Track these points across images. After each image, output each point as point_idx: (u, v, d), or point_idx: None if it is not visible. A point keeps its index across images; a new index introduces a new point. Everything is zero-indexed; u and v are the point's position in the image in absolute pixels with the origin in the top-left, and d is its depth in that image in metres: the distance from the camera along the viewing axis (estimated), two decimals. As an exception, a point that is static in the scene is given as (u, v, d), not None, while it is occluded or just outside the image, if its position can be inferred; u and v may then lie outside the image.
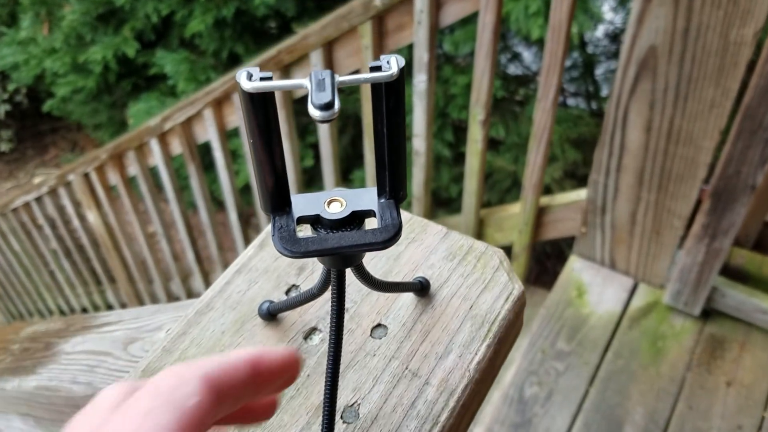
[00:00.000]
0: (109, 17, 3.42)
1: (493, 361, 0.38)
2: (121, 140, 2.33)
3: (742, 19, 1.16)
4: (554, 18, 1.33)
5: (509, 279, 0.40)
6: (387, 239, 0.30)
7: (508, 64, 3.34)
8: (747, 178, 1.30)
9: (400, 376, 0.36)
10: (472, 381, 0.36)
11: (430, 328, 0.38)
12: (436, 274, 0.41)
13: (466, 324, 0.38)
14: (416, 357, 0.37)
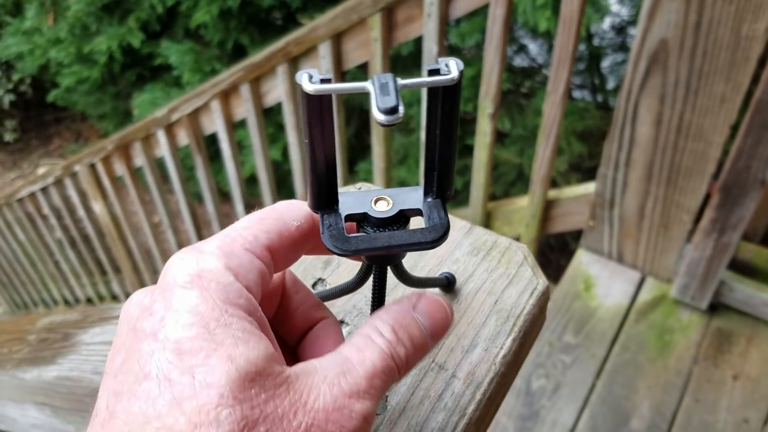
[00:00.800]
0: (114, 7, 3.41)
1: (518, 355, 0.38)
2: (128, 131, 2.34)
3: (754, 14, 1.16)
4: (565, 10, 1.32)
5: (533, 274, 0.40)
6: (435, 239, 0.30)
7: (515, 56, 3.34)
8: (757, 173, 1.30)
9: (427, 369, 0.37)
10: (498, 374, 0.37)
11: (456, 322, 0.38)
12: (461, 269, 0.41)
13: (492, 318, 0.38)
14: (443, 350, 0.37)
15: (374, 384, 0.28)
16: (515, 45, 3.31)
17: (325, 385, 0.27)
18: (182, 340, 0.24)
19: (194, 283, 0.26)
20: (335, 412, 0.27)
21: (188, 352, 0.24)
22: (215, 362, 0.24)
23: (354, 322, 0.39)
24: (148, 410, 0.23)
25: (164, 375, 0.24)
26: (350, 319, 0.39)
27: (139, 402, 0.23)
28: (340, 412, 0.27)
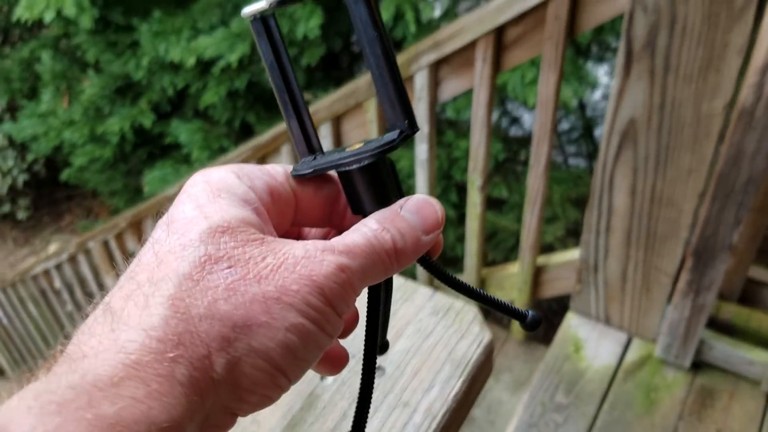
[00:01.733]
0: (126, 90, 3.58)
1: (468, 394, 0.48)
2: (140, 208, 2.46)
3: (711, 94, 1.28)
4: (542, 95, 1.45)
5: (480, 329, 0.50)
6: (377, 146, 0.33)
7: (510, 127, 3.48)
8: (724, 238, 1.40)
9: (395, 405, 0.46)
10: (451, 409, 0.46)
11: (418, 369, 0.48)
12: (423, 327, 0.51)
13: (447, 365, 0.48)
14: (407, 391, 0.47)
15: (353, 252, 0.31)
16: (509, 117, 3.46)
17: (301, 245, 0.30)
18: (174, 214, 0.31)
19: (201, 181, 0.33)
20: (305, 260, 0.30)
21: (175, 221, 0.31)
22: (194, 222, 0.30)
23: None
24: (141, 258, 0.30)
25: (154, 239, 0.31)
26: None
27: (141, 255, 0.31)
28: (310, 259, 0.30)
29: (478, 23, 1.38)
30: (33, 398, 0.24)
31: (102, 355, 0.26)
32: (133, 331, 0.26)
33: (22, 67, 4.17)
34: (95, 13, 2.89)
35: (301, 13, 2.53)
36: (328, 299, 0.29)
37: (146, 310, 0.27)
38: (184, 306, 0.27)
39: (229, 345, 0.27)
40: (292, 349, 0.28)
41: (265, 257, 0.29)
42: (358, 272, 0.31)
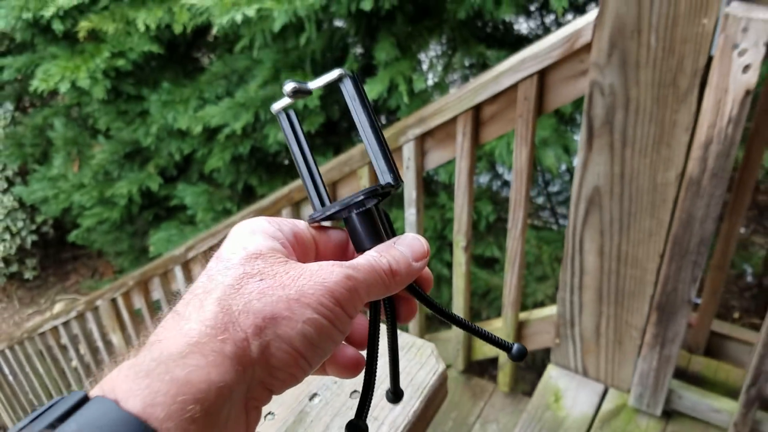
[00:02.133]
0: (135, 155, 3.76)
1: (425, 411, 0.62)
2: (148, 268, 2.60)
3: (665, 165, 1.44)
4: (516, 165, 1.61)
5: (436, 361, 0.64)
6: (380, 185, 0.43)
7: (500, 189, 3.64)
8: (683, 294, 1.54)
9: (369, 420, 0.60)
10: (410, 423, 0.60)
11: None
12: (392, 359, 0.65)
13: (408, 388, 0.62)
14: (376, 409, 0.61)
15: (357, 268, 0.40)
16: (499, 180, 3.63)
17: (316, 263, 0.40)
18: (221, 249, 0.41)
19: (240, 225, 0.43)
20: (319, 271, 0.39)
21: (221, 254, 0.40)
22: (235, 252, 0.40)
23: (324, 394, 0.63)
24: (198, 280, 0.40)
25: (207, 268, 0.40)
26: (322, 392, 0.63)
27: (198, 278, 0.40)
28: (323, 270, 0.39)
29: (458, 102, 1.55)
30: (127, 369, 0.33)
31: (172, 339, 0.35)
32: (194, 323, 0.36)
33: (35, 132, 4.36)
34: (107, 84, 3.08)
35: (302, 86, 2.71)
36: (337, 300, 0.38)
37: (201, 309, 0.37)
38: (227, 305, 0.37)
39: (261, 332, 0.36)
40: (308, 338, 0.37)
41: (288, 272, 0.39)
42: (362, 283, 0.40)
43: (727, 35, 1.18)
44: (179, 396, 0.32)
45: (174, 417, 0.32)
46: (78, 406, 0.32)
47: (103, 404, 0.32)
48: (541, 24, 3.38)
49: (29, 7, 2.92)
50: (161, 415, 0.31)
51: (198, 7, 2.37)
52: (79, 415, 0.32)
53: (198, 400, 0.32)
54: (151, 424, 0.31)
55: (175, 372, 0.33)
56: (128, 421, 0.31)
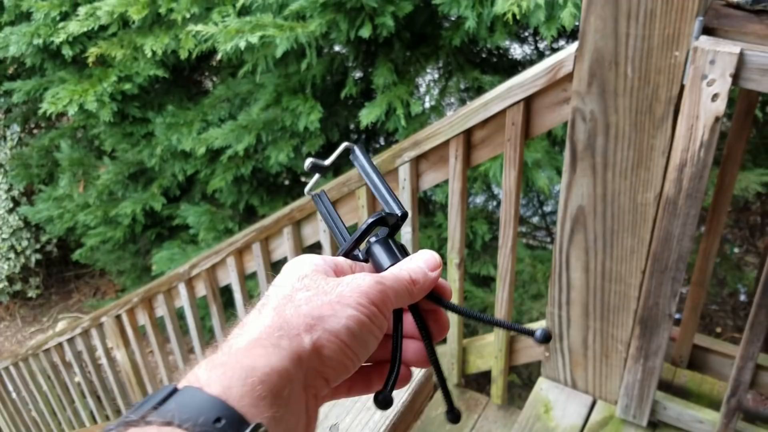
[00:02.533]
0: (139, 176, 3.85)
1: (413, 403, 0.70)
2: (152, 285, 2.68)
3: (644, 186, 1.53)
4: (505, 187, 1.71)
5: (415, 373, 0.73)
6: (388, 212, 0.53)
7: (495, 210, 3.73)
8: (664, 308, 1.63)
9: (361, 409, 0.68)
10: (399, 412, 0.68)
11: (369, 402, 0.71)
12: (383, 358, 0.74)
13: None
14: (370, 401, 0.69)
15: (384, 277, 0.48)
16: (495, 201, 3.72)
17: (351, 275, 0.48)
18: (276, 279, 0.49)
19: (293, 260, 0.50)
20: (354, 279, 0.46)
21: (275, 283, 0.48)
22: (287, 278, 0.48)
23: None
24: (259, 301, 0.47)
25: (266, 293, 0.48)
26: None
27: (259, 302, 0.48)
28: (357, 278, 0.47)
29: (450, 127, 1.65)
30: (205, 364, 0.41)
31: (240, 338, 0.44)
32: (255, 327, 0.44)
33: (41, 154, 4.45)
34: (114, 107, 3.18)
35: (303, 109, 2.82)
36: (371, 300, 0.45)
37: (260, 316, 0.45)
38: (282, 311, 0.45)
39: (311, 329, 0.44)
40: (351, 330, 0.44)
41: (328, 282, 0.47)
42: (390, 288, 0.47)
43: (696, 66, 1.28)
44: (248, 379, 0.39)
45: (246, 395, 0.39)
46: (171, 395, 0.39)
47: (191, 391, 0.39)
48: (534, 49, 3.49)
49: (40, 34, 3.03)
50: (236, 395, 0.39)
51: (203, 34, 2.47)
52: (173, 400, 0.39)
53: (263, 382, 0.40)
54: (230, 402, 0.38)
55: (243, 361, 0.41)
56: (213, 401, 0.38)
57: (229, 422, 0.38)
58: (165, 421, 0.37)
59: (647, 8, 1.29)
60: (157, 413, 0.38)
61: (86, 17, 2.81)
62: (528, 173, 2.67)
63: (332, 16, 2.43)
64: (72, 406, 3.87)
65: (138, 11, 2.66)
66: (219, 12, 2.63)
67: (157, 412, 0.38)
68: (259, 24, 2.45)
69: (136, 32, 2.93)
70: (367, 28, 2.42)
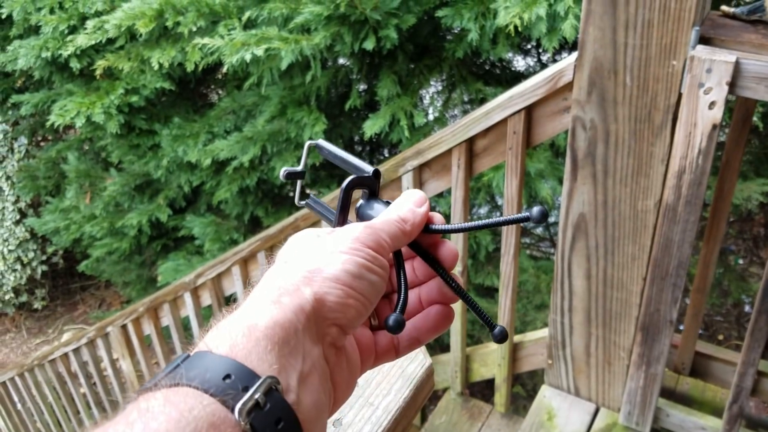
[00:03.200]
0: (145, 187, 3.88)
1: (414, 399, 0.72)
2: (158, 294, 2.70)
3: (644, 194, 1.55)
4: (507, 194, 1.73)
5: (424, 357, 0.75)
6: None
7: (499, 220, 3.73)
8: (665, 315, 1.64)
9: (363, 405, 0.70)
10: (401, 408, 0.70)
11: (380, 381, 0.72)
12: (385, 356, 0.75)
13: (399, 380, 0.73)
14: (372, 396, 0.71)
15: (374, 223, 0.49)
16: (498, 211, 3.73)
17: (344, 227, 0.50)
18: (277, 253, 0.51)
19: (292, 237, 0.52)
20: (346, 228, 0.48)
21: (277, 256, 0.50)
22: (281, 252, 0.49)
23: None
24: None
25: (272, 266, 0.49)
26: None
27: None
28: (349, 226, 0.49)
29: (452, 136, 1.67)
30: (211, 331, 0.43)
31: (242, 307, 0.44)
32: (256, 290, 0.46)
33: (48, 166, 4.50)
34: (121, 119, 3.22)
35: (307, 120, 2.85)
36: (365, 243, 0.47)
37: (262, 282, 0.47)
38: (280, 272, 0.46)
39: (309, 280, 0.45)
40: (351, 273, 0.45)
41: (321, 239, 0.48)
42: (381, 230, 0.49)
43: (693, 75, 1.30)
44: (252, 336, 0.41)
45: (252, 351, 0.40)
46: (183, 361, 0.41)
47: (201, 354, 0.41)
48: (537, 61, 3.53)
49: (48, 47, 3.07)
50: (242, 352, 0.40)
51: (209, 46, 2.50)
52: (188, 362, 0.41)
53: (266, 336, 0.41)
54: (238, 359, 0.40)
55: (244, 322, 0.42)
56: (221, 359, 0.40)
57: (238, 377, 0.39)
58: (173, 383, 0.39)
59: (645, 18, 1.32)
60: (167, 378, 0.39)
61: (94, 30, 2.84)
62: (531, 183, 2.69)
63: (336, 28, 2.46)
64: (77, 416, 3.89)
65: (145, 24, 2.70)
66: (225, 25, 2.66)
67: (168, 377, 0.40)
68: (265, 37, 2.48)
69: (143, 45, 2.97)
70: (371, 40, 2.45)
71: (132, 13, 2.73)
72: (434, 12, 2.49)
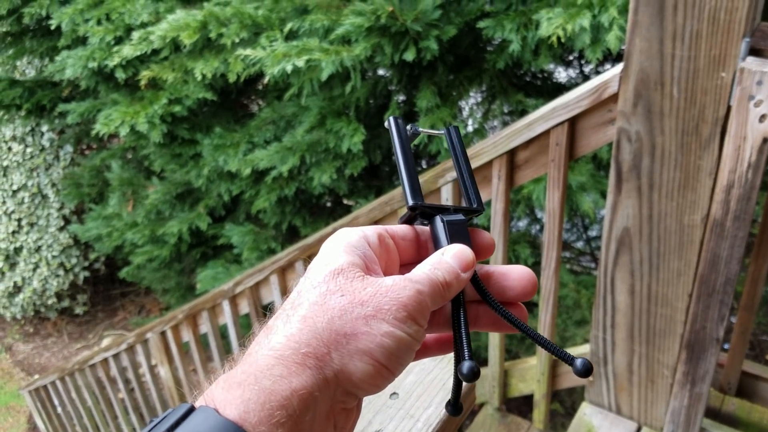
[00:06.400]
0: (186, 196, 3.93)
1: (445, 427, 0.71)
2: (197, 302, 2.72)
3: (691, 208, 1.51)
4: (549, 207, 1.70)
5: (466, 370, 0.73)
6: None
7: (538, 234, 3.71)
8: (711, 332, 1.60)
9: (404, 417, 0.69)
10: (441, 421, 0.69)
11: (421, 394, 0.71)
12: (426, 367, 0.74)
13: (441, 392, 0.71)
14: (413, 408, 0.70)
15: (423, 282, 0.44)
16: (538, 224, 3.70)
17: (390, 278, 0.43)
18: (310, 266, 0.46)
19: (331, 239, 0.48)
20: (394, 286, 0.42)
21: (309, 270, 0.45)
22: (320, 270, 0.44)
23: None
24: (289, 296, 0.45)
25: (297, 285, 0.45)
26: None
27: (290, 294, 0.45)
28: (397, 286, 0.42)
29: (493, 147, 1.66)
30: (223, 381, 0.39)
31: (261, 352, 0.40)
32: (280, 337, 0.40)
33: (92, 173, 4.58)
34: (164, 129, 3.26)
35: (346, 131, 2.85)
36: (410, 313, 0.42)
37: (288, 324, 0.41)
38: (312, 322, 0.41)
39: (341, 346, 0.40)
40: (387, 349, 0.41)
41: (365, 287, 0.42)
42: (428, 295, 0.44)
43: (743, 87, 1.27)
44: (267, 403, 0.37)
45: (264, 422, 0.37)
46: (186, 416, 0.38)
47: (205, 413, 0.37)
48: (580, 73, 3.49)
49: (95, 57, 3.14)
50: (254, 420, 0.37)
51: (251, 58, 2.53)
52: (187, 423, 0.37)
53: (283, 407, 0.37)
54: (246, 428, 0.36)
55: (262, 382, 0.38)
56: (227, 426, 0.36)
57: None
58: None
59: (693, 30, 1.29)
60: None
61: (139, 41, 2.89)
62: (572, 197, 2.65)
63: (377, 40, 2.47)
64: (115, 421, 3.93)
65: (189, 36, 2.74)
66: (267, 37, 2.68)
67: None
68: (306, 48, 2.50)
69: (186, 56, 3.01)
70: (411, 51, 2.45)
71: (176, 24, 2.78)
72: (475, 23, 2.48)
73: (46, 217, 5.12)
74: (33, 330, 5.85)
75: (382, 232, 0.49)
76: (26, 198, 5.07)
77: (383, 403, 0.72)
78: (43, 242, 5.13)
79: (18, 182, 5.04)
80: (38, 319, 5.85)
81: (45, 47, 4.20)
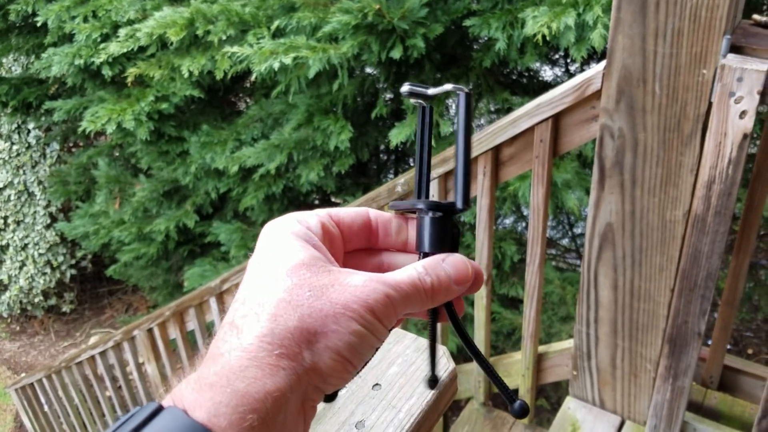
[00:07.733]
0: (173, 193, 3.92)
1: (437, 403, 0.72)
2: (184, 299, 2.72)
3: (672, 204, 1.53)
4: (533, 204, 1.72)
5: (447, 360, 0.74)
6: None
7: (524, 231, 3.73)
8: (693, 327, 1.62)
9: (386, 407, 0.70)
10: (423, 411, 0.70)
11: (403, 384, 0.72)
12: (409, 359, 0.75)
13: (423, 383, 0.72)
14: (395, 399, 0.71)
15: (399, 287, 0.42)
16: (524, 222, 3.72)
17: (359, 275, 0.42)
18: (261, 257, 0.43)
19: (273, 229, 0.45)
20: (362, 287, 0.41)
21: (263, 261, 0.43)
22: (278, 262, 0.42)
23: (350, 386, 0.73)
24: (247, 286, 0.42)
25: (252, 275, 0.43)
26: (348, 384, 0.74)
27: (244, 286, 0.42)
28: (366, 287, 0.41)
29: (478, 144, 1.67)
30: (193, 381, 0.37)
31: (233, 353, 0.38)
32: (251, 337, 0.39)
33: (79, 171, 4.56)
34: (151, 126, 3.26)
35: (333, 128, 2.86)
36: (377, 316, 0.42)
37: (258, 324, 0.40)
38: (283, 320, 0.40)
39: (313, 345, 0.40)
40: (353, 346, 0.41)
41: (333, 284, 0.41)
42: (400, 301, 0.43)
43: (724, 84, 1.29)
44: (239, 407, 0.36)
45: (235, 426, 0.36)
46: (153, 416, 0.36)
47: (173, 413, 0.36)
48: (565, 71, 3.51)
49: (81, 54, 3.13)
50: (224, 423, 0.36)
51: (239, 55, 2.53)
52: (154, 424, 0.36)
53: (255, 410, 0.36)
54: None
55: (235, 384, 0.37)
56: (195, 429, 0.35)
57: None
58: None
59: (675, 27, 1.31)
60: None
61: (126, 39, 2.89)
62: (558, 194, 2.67)
63: (364, 38, 2.47)
64: (102, 419, 3.92)
65: (176, 33, 2.74)
66: (254, 34, 2.69)
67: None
68: (293, 46, 2.50)
69: (173, 53, 3.01)
70: (399, 49, 2.46)
71: (163, 21, 2.77)
72: (462, 21, 2.49)
73: (32, 214, 5.10)
74: (19, 328, 5.83)
75: (325, 220, 0.47)
76: (12, 195, 5.04)
77: (366, 393, 0.73)
78: (30, 240, 5.11)
79: (4, 180, 5.02)
80: (25, 317, 5.83)
81: (31, 44, 4.18)
